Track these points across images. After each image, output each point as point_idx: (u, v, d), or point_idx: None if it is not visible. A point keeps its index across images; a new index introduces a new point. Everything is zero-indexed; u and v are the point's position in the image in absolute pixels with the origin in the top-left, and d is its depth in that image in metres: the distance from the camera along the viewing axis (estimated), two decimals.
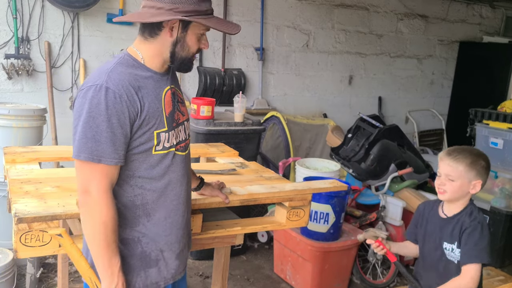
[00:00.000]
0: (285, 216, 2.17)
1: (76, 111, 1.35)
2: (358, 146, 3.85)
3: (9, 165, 2.23)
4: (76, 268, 3.29)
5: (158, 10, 1.39)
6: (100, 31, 4.00)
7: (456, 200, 1.89)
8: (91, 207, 1.35)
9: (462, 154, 1.85)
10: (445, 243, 1.88)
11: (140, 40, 1.50)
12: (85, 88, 1.36)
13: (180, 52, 1.48)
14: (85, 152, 1.33)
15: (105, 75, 1.36)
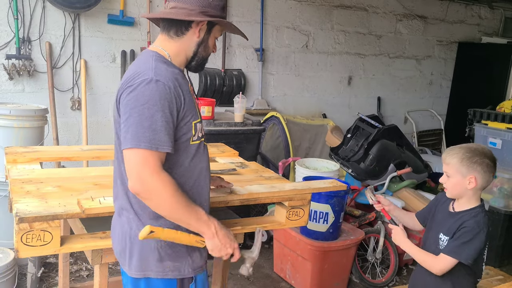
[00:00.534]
0: (285, 215, 2.18)
1: (127, 105, 1.40)
2: (357, 146, 3.86)
3: (10, 165, 2.24)
4: (76, 268, 3.31)
5: (190, 11, 1.50)
6: (101, 32, 4.01)
7: (460, 197, 1.91)
8: (155, 191, 1.40)
9: (456, 151, 1.89)
10: (441, 234, 1.93)
11: (165, 38, 1.57)
12: (134, 83, 1.41)
13: (202, 52, 1.58)
14: (144, 141, 1.38)
15: (151, 70, 1.43)
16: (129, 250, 1.54)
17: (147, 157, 1.39)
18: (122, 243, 1.57)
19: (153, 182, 1.39)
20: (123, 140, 1.41)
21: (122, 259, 1.59)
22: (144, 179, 1.39)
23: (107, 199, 1.79)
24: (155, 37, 4.22)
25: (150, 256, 1.52)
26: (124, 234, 1.56)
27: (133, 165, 1.40)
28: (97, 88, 4.08)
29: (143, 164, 1.39)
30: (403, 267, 3.84)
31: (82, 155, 2.60)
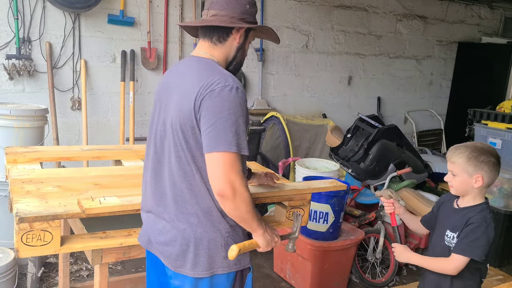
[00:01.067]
0: (285, 215, 2.18)
1: (212, 110, 1.46)
2: (357, 146, 3.86)
3: (11, 165, 2.24)
4: (76, 268, 3.31)
5: (231, 18, 1.60)
6: (101, 32, 4.01)
7: (466, 195, 1.93)
8: (240, 193, 1.48)
9: (461, 150, 1.89)
10: (448, 230, 1.94)
11: (208, 45, 1.64)
12: (217, 89, 1.47)
13: (240, 56, 1.69)
14: (233, 145, 1.46)
15: (229, 77, 1.52)
16: (194, 252, 1.57)
17: (235, 160, 1.47)
18: (182, 247, 1.58)
19: (240, 185, 1.47)
20: (209, 143, 1.46)
21: (180, 261, 1.59)
22: (233, 180, 1.46)
23: (108, 199, 1.80)
24: (155, 37, 4.24)
25: (217, 254, 1.58)
26: (186, 239, 1.57)
27: (221, 167, 1.46)
28: (97, 88, 4.09)
29: (232, 166, 1.46)
30: (403, 267, 3.84)
31: (82, 155, 2.61)
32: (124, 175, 2.31)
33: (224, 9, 1.60)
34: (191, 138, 1.51)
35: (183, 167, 1.55)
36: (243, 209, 1.50)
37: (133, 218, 2.14)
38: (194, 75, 1.55)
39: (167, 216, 1.61)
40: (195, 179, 1.55)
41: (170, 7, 4.27)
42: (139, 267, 3.42)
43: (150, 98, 4.34)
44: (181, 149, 1.54)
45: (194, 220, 1.57)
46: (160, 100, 1.66)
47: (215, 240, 1.57)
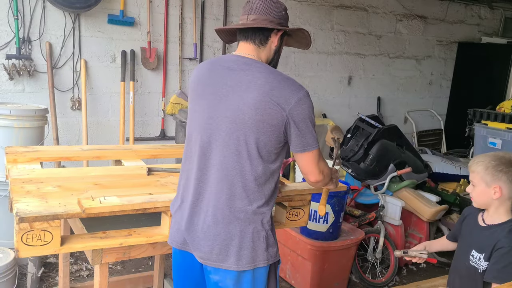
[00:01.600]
0: (285, 215, 2.18)
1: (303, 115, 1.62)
2: (357, 146, 3.86)
3: (11, 164, 2.24)
4: (76, 268, 3.31)
5: (270, 22, 1.70)
6: (101, 32, 4.01)
7: (487, 207, 1.85)
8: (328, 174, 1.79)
9: (481, 158, 1.83)
10: (474, 250, 1.86)
11: (253, 48, 1.73)
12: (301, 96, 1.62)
13: (276, 59, 1.82)
14: (316, 142, 1.68)
15: (298, 83, 1.67)
16: (238, 246, 1.63)
17: (319, 153, 1.72)
18: (225, 242, 1.63)
19: (327, 169, 1.78)
20: (301, 145, 1.65)
21: (223, 256, 1.64)
22: (323, 169, 1.74)
23: (108, 199, 1.80)
24: (155, 37, 4.24)
25: (259, 247, 1.66)
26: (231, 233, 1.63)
27: (316, 163, 1.71)
28: (97, 88, 4.09)
29: (320, 158, 1.72)
30: (403, 267, 3.85)
31: (82, 155, 2.61)
32: (124, 175, 2.31)
33: (264, 14, 1.70)
34: (265, 135, 1.60)
35: (241, 163, 1.61)
36: (327, 181, 1.82)
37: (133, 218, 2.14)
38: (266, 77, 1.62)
39: (211, 211, 1.65)
40: (251, 175, 1.62)
41: (170, 7, 4.27)
42: (139, 267, 3.42)
43: (150, 98, 4.34)
44: (244, 144, 1.60)
45: (241, 215, 1.63)
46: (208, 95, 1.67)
47: (258, 233, 1.65)
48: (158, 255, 2.81)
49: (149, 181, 2.23)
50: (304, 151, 1.66)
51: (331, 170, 1.87)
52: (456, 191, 4.43)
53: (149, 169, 2.34)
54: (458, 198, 4.36)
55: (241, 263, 1.63)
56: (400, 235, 3.67)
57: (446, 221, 4.07)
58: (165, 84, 4.35)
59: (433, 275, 3.66)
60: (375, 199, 3.77)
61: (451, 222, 4.06)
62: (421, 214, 3.73)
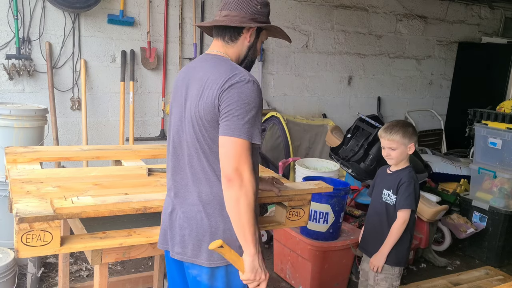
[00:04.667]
0: (285, 215, 2.18)
1: (229, 100, 1.53)
2: (357, 146, 3.86)
3: (10, 165, 2.24)
4: (76, 268, 3.31)
5: (241, 18, 1.67)
6: (101, 32, 4.01)
7: (400, 162, 2.46)
8: (245, 183, 1.52)
9: (395, 129, 2.41)
10: (384, 189, 2.49)
11: (221, 44, 1.71)
12: (234, 82, 1.54)
13: (251, 55, 1.75)
14: (243, 133, 1.53)
15: (244, 71, 1.59)
16: (210, 242, 1.60)
17: (244, 147, 1.53)
18: (198, 237, 1.63)
19: (248, 173, 1.52)
20: (225, 129, 1.53)
21: (196, 251, 1.63)
22: (240, 167, 1.51)
23: (81, 199, 1.77)
24: (155, 37, 4.24)
25: (232, 243, 1.60)
26: (203, 228, 1.62)
27: (231, 152, 1.52)
28: (97, 88, 4.08)
29: (241, 153, 1.52)
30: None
31: (82, 155, 2.60)
32: (124, 175, 2.30)
33: (235, 10, 1.67)
34: (212, 129, 1.57)
35: (201, 159, 1.62)
36: (241, 203, 1.51)
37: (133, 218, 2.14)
38: (213, 70, 1.61)
39: (185, 208, 1.66)
40: (212, 172, 1.60)
41: (170, 7, 4.27)
42: (139, 267, 3.42)
43: (150, 98, 4.33)
44: (201, 140, 1.60)
45: (211, 211, 1.62)
46: (178, 97, 1.71)
47: (230, 230, 1.61)
48: (158, 255, 2.81)
49: (149, 181, 2.22)
50: (225, 134, 1.53)
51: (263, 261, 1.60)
52: (456, 191, 4.43)
53: (149, 170, 2.34)
54: (458, 198, 4.36)
55: (213, 259, 1.62)
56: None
57: (446, 221, 4.07)
58: (165, 84, 4.35)
59: (433, 275, 3.66)
60: None
61: (451, 222, 4.06)
62: (421, 214, 3.72)
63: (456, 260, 4.10)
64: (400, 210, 2.41)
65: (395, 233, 2.43)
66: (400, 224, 2.41)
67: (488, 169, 4.14)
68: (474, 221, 4.16)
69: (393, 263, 2.49)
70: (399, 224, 2.41)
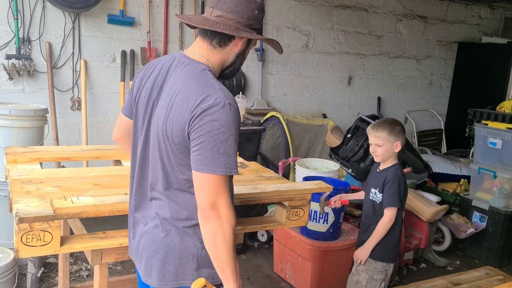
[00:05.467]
0: (285, 215, 2.18)
1: (202, 129, 1.38)
2: (357, 146, 3.86)
3: (10, 165, 2.24)
4: (76, 268, 3.31)
5: (236, 24, 1.49)
6: (101, 32, 4.01)
7: (387, 159, 2.52)
8: (223, 219, 1.40)
9: (382, 126, 2.46)
10: (372, 188, 2.57)
11: (207, 48, 1.53)
12: (205, 106, 1.38)
13: (238, 63, 1.59)
14: (219, 167, 1.38)
15: (219, 91, 1.41)
16: (162, 260, 1.51)
17: (221, 182, 1.40)
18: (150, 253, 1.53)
19: (226, 209, 1.40)
20: (196, 162, 1.39)
21: (148, 270, 1.54)
22: (217, 203, 1.39)
23: (81, 199, 1.77)
24: (155, 37, 4.24)
25: (188, 265, 1.50)
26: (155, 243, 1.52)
27: (207, 189, 1.40)
28: (97, 88, 4.08)
29: (217, 189, 1.39)
30: (403, 267, 3.84)
31: (82, 155, 2.60)
32: (124, 175, 2.30)
33: (230, 12, 1.48)
34: (179, 153, 1.44)
35: (166, 174, 1.49)
36: (219, 240, 1.40)
37: None
38: (185, 83, 1.45)
39: (144, 220, 1.57)
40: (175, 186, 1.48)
41: (170, 7, 4.27)
42: None
43: None
44: (165, 160, 1.48)
45: (169, 227, 1.50)
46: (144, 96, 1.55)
47: (187, 249, 1.50)
48: None
49: None
50: (198, 170, 1.39)
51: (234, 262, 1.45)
52: (456, 191, 4.43)
53: None
54: (458, 198, 4.36)
55: (164, 280, 1.51)
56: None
57: (446, 221, 4.07)
58: None
59: (433, 275, 3.66)
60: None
61: (451, 222, 4.06)
62: (421, 214, 3.73)
63: (456, 260, 4.10)
64: (386, 208, 2.48)
65: (380, 230, 2.50)
66: (386, 221, 2.49)
67: (488, 169, 4.14)
68: (474, 221, 4.17)
69: (377, 258, 2.55)
70: (385, 221, 2.49)
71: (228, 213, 1.41)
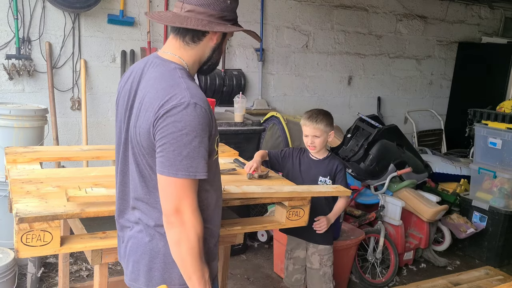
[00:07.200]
0: (285, 215, 2.18)
1: (164, 131, 1.33)
2: (357, 146, 3.86)
3: (10, 165, 2.24)
4: (76, 268, 3.31)
5: (209, 17, 1.43)
6: (100, 32, 4.01)
7: (322, 148, 2.64)
8: (187, 225, 1.36)
9: (320, 117, 2.56)
10: (321, 177, 2.63)
11: (179, 45, 1.47)
12: (169, 107, 1.33)
13: (215, 57, 1.53)
14: (182, 170, 1.33)
15: (186, 91, 1.35)
16: (148, 265, 1.49)
17: (184, 186, 1.35)
18: (136, 258, 1.51)
19: (190, 215, 1.36)
20: (159, 165, 1.36)
21: (135, 275, 1.52)
22: (181, 208, 1.35)
23: (95, 190, 1.80)
24: (155, 37, 4.24)
25: (174, 270, 1.47)
26: (141, 248, 1.50)
27: (168, 192, 1.36)
28: (97, 88, 4.08)
29: (180, 193, 1.35)
30: (403, 267, 3.84)
31: (82, 155, 2.60)
32: None
33: (201, 5, 1.41)
34: (149, 157, 1.42)
35: (145, 183, 1.47)
36: (184, 245, 1.36)
37: None
38: (153, 84, 1.41)
39: (130, 225, 1.55)
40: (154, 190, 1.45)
41: (170, 7, 4.27)
42: None
43: None
44: (141, 164, 1.46)
45: (153, 232, 1.48)
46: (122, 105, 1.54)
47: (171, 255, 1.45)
48: None
49: None
50: (160, 172, 1.35)
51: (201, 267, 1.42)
52: (456, 191, 4.43)
53: None
54: (458, 198, 4.36)
55: (151, 284, 1.49)
56: (400, 235, 3.67)
57: (446, 221, 4.07)
58: None
59: (433, 275, 3.65)
60: (375, 199, 3.77)
61: (451, 222, 4.06)
62: (421, 214, 3.73)
63: (456, 260, 4.10)
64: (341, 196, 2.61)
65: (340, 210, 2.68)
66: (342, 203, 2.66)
67: (488, 169, 4.14)
68: (474, 221, 4.17)
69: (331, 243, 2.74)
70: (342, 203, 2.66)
71: (192, 219, 1.36)
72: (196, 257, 1.38)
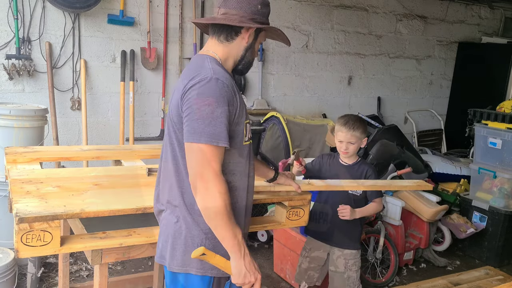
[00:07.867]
0: (285, 215, 2.18)
1: (189, 102, 1.48)
2: None
3: (10, 165, 2.24)
4: (76, 268, 3.31)
5: (240, 18, 1.60)
6: (100, 32, 4.01)
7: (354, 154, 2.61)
8: (211, 191, 1.45)
9: (356, 125, 2.53)
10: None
11: (215, 43, 1.66)
12: (195, 82, 1.50)
13: (249, 56, 1.69)
14: (204, 136, 1.46)
15: (209, 70, 1.52)
16: (172, 244, 1.59)
17: (207, 152, 1.46)
18: (164, 238, 1.62)
19: (212, 178, 1.46)
20: (185, 133, 1.49)
21: (164, 252, 1.63)
22: (203, 172, 1.46)
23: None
24: (155, 37, 4.24)
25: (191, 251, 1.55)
26: (169, 228, 1.61)
27: (193, 158, 1.48)
28: (97, 88, 4.08)
29: (204, 159, 1.46)
30: (403, 267, 3.84)
31: (82, 155, 2.61)
32: (124, 175, 2.30)
33: (234, 8, 1.60)
34: (179, 132, 1.55)
35: (175, 161, 1.60)
36: (213, 208, 1.45)
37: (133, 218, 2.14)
38: (186, 71, 1.61)
39: (163, 207, 1.67)
40: (183, 173, 1.57)
41: (170, 7, 4.27)
42: (139, 267, 3.42)
43: (150, 98, 4.33)
44: (174, 142, 1.59)
45: (179, 213, 1.59)
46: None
47: (192, 238, 1.57)
48: None
49: (149, 181, 2.22)
50: (186, 140, 1.50)
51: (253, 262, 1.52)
52: (456, 191, 4.44)
53: (149, 170, 2.34)
54: (458, 198, 4.36)
55: (173, 264, 1.60)
56: (400, 235, 3.67)
57: (446, 221, 4.07)
58: (165, 84, 4.35)
59: (433, 275, 3.65)
60: None
61: (451, 222, 4.06)
62: (421, 214, 3.73)
63: (456, 260, 4.10)
64: (373, 200, 2.58)
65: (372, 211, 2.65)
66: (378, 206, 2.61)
67: (488, 169, 4.14)
68: (474, 221, 4.17)
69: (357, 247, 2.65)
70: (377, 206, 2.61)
71: (216, 184, 1.45)
72: (225, 218, 1.47)
